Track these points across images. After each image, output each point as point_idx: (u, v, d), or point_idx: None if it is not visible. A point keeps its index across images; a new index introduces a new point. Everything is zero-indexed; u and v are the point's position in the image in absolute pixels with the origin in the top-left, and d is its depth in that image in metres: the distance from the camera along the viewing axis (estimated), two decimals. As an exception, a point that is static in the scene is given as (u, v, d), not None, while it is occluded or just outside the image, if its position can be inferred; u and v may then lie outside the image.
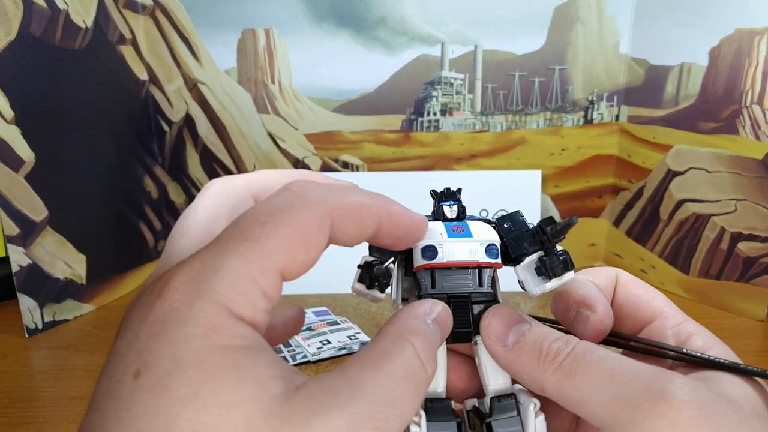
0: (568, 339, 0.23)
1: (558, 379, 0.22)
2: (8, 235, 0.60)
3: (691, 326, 0.26)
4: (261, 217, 0.19)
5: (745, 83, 0.63)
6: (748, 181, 0.65)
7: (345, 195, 0.21)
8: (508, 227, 0.25)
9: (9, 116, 0.59)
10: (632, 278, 0.28)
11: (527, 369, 0.23)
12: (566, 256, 0.24)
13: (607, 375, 0.21)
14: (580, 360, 0.22)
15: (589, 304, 0.26)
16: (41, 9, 0.61)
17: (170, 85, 0.76)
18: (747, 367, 0.23)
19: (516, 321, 0.24)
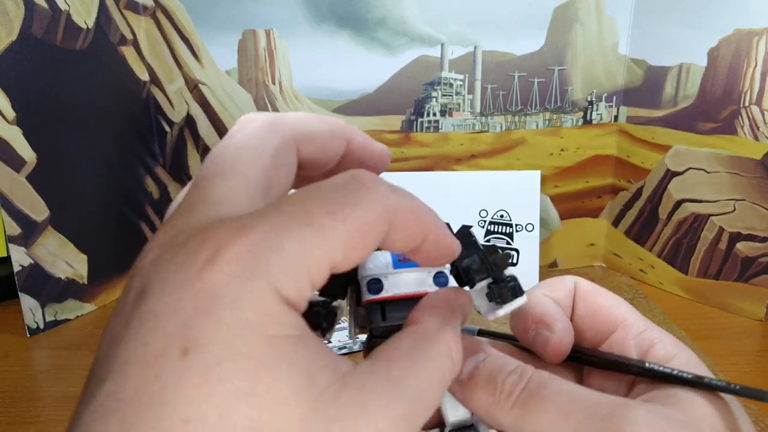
0: (522, 370, 0.23)
1: (513, 417, 0.22)
2: (10, 234, 0.60)
3: (654, 334, 0.26)
4: (328, 205, 0.17)
5: (743, 84, 0.64)
6: (747, 182, 0.65)
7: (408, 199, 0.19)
8: None
9: (10, 116, 0.59)
10: (591, 286, 0.28)
11: (483, 405, 0.23)
12: (515, 283, 0.23)
13: (562, 413, 0.21)
14: (535, 396, 0.22)
15: (547, 323, 0.26)
16: (42, 10, 0.61)
17: (171, 86, 0.76)
18: (709, 382, 0.22)
19: (470, 352, 0.24)
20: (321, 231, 0.17)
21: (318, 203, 0.17)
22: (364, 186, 0.18)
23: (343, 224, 0.17)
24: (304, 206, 0.17)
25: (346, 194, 0.18)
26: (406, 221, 0.19)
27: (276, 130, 0.20)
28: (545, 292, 0.28)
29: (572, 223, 0.81)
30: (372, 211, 0.18)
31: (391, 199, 0.18)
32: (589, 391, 0.22)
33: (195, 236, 0.17)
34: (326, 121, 0.22)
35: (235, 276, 0.16)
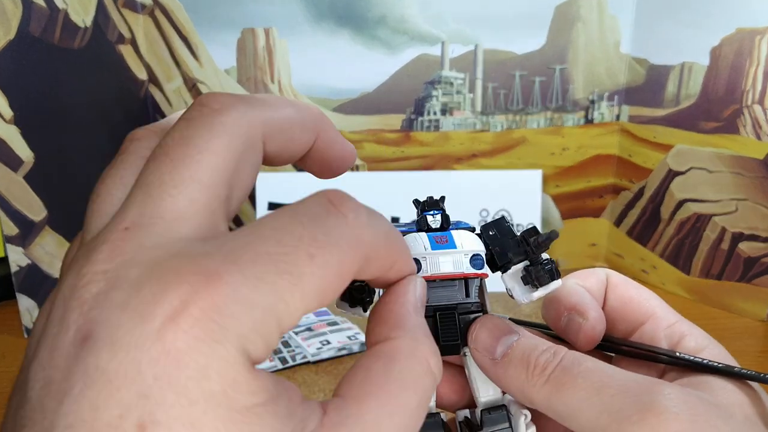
0: (555, 350, 0.23)
1: (546, 393, 0.22)
2: (7, 235, 0.60)
3: (684, 327, 0.26)
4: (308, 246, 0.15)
5: (746, 83, 0.63)
6: (749, 181, 0.65)
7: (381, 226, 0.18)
8: (493, 235, 0.25)
9: (8, 116, 0.59)
10: (623, 279, 0.28)
11: (516, 383, 0.23)
12: (552, 266, 0.24)
13: (595, 388, 0.21)
14: (568, 373, 0.22)
15: (581, 310, 0.26)
16: (40, 8, 0.61)
17: (169, 85, 0.76)
18: (740, 371, 0.22)
19: (504, 332, 0.24)
20: (300, 279, 0.15)
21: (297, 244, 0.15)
22: (344, 219, 0.16)
23: (323, 270, 0.15)
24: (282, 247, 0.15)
25: (327, 231, 0.16)
26: (379, 254, 0.18)
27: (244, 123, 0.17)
28: (578, 281, 0.28)
29: (574, 222, 0.80)
30: (352, 253, 0.16)
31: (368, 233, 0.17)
32: (621, 371, 0.22)
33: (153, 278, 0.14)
34: (299, 109, 0.20)
35: (202, 339, 0.14)
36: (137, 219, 0.15)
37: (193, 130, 0.17)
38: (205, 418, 0.14)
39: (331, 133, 0.21)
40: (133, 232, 0.15)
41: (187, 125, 0.17)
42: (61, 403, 0.13)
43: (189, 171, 0.16)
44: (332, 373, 0.55)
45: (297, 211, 0.16)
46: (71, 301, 0.15)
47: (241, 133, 0.17)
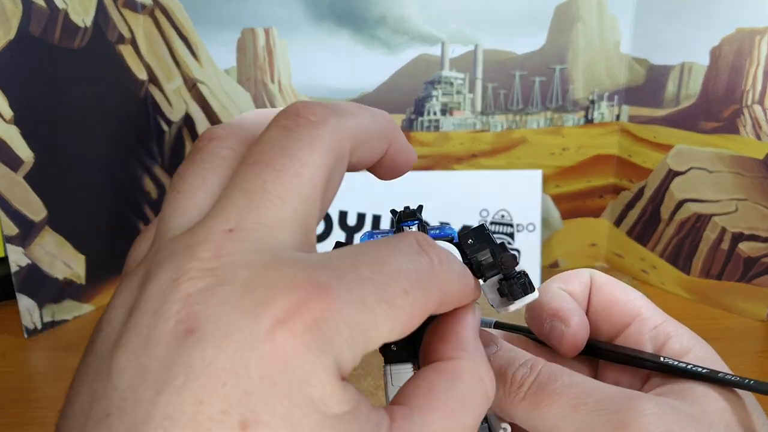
0: (533, 363, 0.23)
1: (524, 409, 0.22)
2: (7, 235, 0.60)
3: (670, 327, 0.25)
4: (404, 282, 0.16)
5: (746, 83, 0.63)
6: (749, 181, 0.65)
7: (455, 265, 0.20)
8: (471, 243, 0.25)
9: (8, 116, 0.59)
10: (607, 279, 0.28)
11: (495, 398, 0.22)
12: (525, 279, 0.24)
13: (570, 405, 0.21)
14: (545, 389, 0.22)
15: (563, 317, 0.26)
16: (40, 8, 0.61)
17: (169, 85, 0.76)
18: (724, 377, 0.22)
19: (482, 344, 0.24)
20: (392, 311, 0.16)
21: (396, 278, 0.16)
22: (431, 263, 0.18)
23: (411, 306, 0.16)
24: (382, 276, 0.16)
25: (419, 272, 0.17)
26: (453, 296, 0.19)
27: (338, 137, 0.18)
28: (561, 285, 0.27)
29: (574, 223, 0.80)
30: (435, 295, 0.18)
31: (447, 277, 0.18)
32: (598, 384, 0.22)
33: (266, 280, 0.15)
34: (376, 119, 0.20)
35: (309, 346, 0.14)
36: (240, 223, 0.16)
37: (293, 141, 0.17)
38: (304, 421, 0.14)
39: (401, 141, 0.21)
40: (238, 235, 0.16)
41: (286, 135, 0.17)
42: (159, 393, 0.13)
43: (292, 183, 0.17)
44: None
45: (394, 247, 0.17)
46: (172, 293, 0.15)
47: (336, 147, 0.18)
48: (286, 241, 0.16)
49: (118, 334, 0.15)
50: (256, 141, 0.18)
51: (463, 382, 0.19)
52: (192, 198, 0.17)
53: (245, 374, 0.14)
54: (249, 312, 0.14)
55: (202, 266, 0.15)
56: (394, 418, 0.17)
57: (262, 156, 0.17)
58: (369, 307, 0.15)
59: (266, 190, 0.16)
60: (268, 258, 0.15)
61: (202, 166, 0.18)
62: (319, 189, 0.17)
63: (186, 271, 0.15)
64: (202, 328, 0.14)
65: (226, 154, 0.18)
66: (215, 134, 0.19)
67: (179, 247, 0.16)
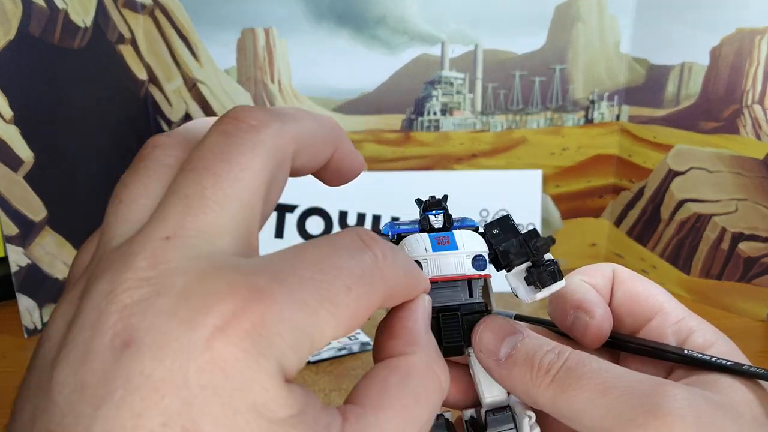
0: (560, 350, 0.23)
1: (551, 394, 0.22)
2: (7, 235, 0.60)
3: (693, 322, 0.25)
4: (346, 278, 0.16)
5: (746, 83, 0.63)
6: (749, 181, 0.65)
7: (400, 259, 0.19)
8: (497, 233, 0.25)
9: (8, 116, 0.59)
10: (630, 273, 0.28)
11: (521, 384, 0.23)
12: (554, 267, 0.24)
13: (599, 389, 0.21)
14: (573, 373, 0.22)
15: (587, 309, 0.25)
16: (40, 8, 0.61)
17: (169, 85, 0.76)
18: (749, 369, 0.22)
19: (508, 333, 0.24)
20: (335, 308, 0.16)
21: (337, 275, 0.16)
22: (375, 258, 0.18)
23: (355, 303, 0.16)
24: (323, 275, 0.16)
25: (363, 268, 0.17)
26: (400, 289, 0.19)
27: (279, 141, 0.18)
28: (584, 278, 0.27)
29: (574, 222, 0.80)
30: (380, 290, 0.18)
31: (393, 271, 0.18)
32: (627, 371, 0.22)
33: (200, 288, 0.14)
34: (321, 123, 0.20)
35: (250, 352, 0.14)
36: (178, 230, 0.16)
37: (233, 146, 0.17)
38: (247, 428, 0.14)
39: (347, 146, 0.21)
40: (176, 242, 0.15)
41: (226, 140, 0.17)
42: (98, 408, 0.13)
43: (231, 188, 0.16)
44: (332, 373, 0.55)
45: (336, 244, 0.17)
46: (108, 306, 0.14)
47: (278, 151, 0.18)
48: (225, 247, 0.16)
49: (58, 348, 0.15)
50: (197, 147, 0.17)
51: (416, 377, 0.19)
52: (133, 206, 0.17)
53: (184, 385, 0.13)
54: (186, 321, 0.14)
55: (138, 276, 0.15)
56: (346, 418, 0.16)
57: (202, 161, 0.17)
58: (310, 307, 0.15)
59: (205, 196, 0.16)
60: (205, 265, 0.15)
61: (144, 173, 0.18)
62: (259, 193, 0.17)
63: (122, 282, 0.15)
64: (139, 340, 0.14)
65: (169, 162, 0.18)
66: (159, 142, 0.19)
67: (116, 257, 0.15)
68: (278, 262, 0.16)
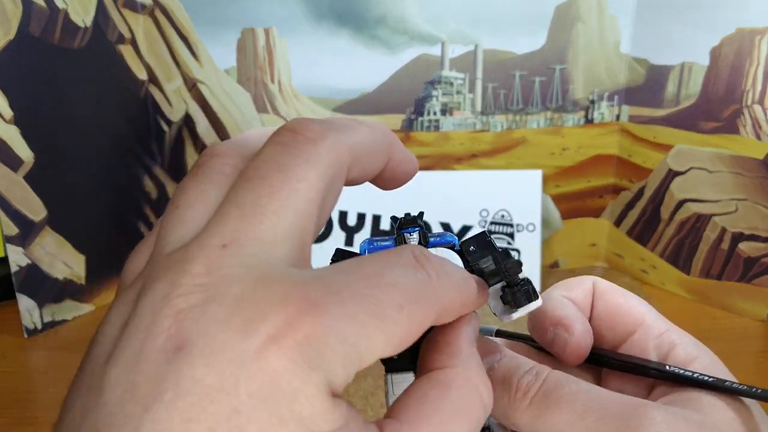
0: (538, 371, 0.22)
1: (530, 417, 0.22)
2: (7, 235, 0.60)
3: (674, 336, 0.25)
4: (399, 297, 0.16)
5: (746, 83, 0.63)
6: (749, 181, 0.65)
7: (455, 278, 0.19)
8: (473, 251, 0.24)
9: (8, 116, 0.59)
10: (610, 286, 0.28)
11: (499, 406, 0.22)
12: (528, 287, 0.23)
13: (578, 412, 0.21)
14: (551, 395, 0.21)
15: (566, 325, 0.25)
16: (40, 8, 0.61)
17: (169, 85, 0.76)
18: (730, 386, 0.22)
19: (485, 353, 0.23)
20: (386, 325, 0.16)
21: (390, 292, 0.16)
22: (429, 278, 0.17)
23: (407, 321, 0.16)
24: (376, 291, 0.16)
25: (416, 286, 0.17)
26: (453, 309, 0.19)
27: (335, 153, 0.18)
28: (563, 292, 0.27)
29: (574, 223, 0.80)
30: (432, 310, 0.17)
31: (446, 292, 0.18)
32: (606, 392, 0.21)
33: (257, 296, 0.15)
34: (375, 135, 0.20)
35: (300, 363, 0.14)
36: (234, 238, 0.16)
37: (290, 157, 0.17)
38: None
39: (400, 153, 0.21)
40: (232, 250, 0.16)
41: (282, 151, 0.17)
42: (147, 409, 0.13)
43: (288, 199, 0.16)
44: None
45: (390, 261, 0.17)
46: (163, 309, 0.15)
47: (334, 163, 0.18)
48: (280, 257, 0.16)
49: (111, 348, 0.15)
50: (254, 157, 0.18)
51: (456, 390, 0.19)
52: (190, 212, 0.17)
53: (234, 392, 0.14)
54: (239, 329, 0.14)
55: (193, 281, 0.15)
56: None
57: (258, 172, 0.17)
58: (361, 322, 0.15)
59: (261, 205, 0.16)
60: (260, 273, 0.15)
61: (202, 180, 0.18)
62: (315, 204, 0.17)
63: (178, 286, 0.15)
64: (191, 345, 0.14)
65: (227, 171, 0.18)
66: (217, 150, 0.19)
67: (173, 263, 0.16)
68: (332, 275, 0.16)
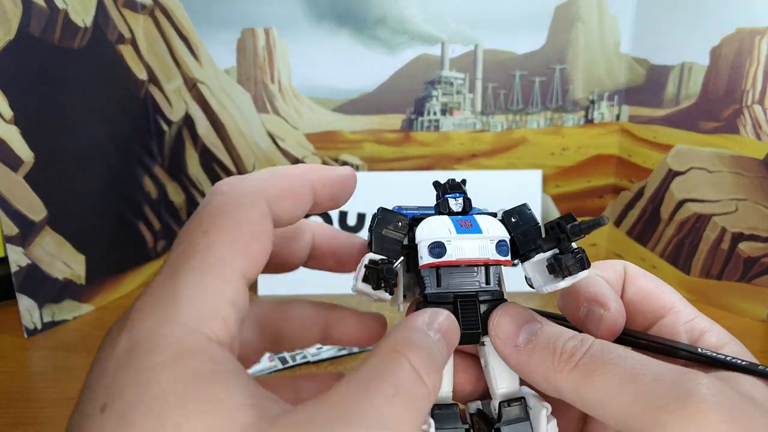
0: (583, 337, 0.22)
1: (575, 380, 0.21)
2: (7, 235, 0.60)
3: (704, 322, 0.25)
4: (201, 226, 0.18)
5: (746, 83, 0.63)
6: (749, 181, 0.65)
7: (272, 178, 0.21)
8: (515, 221, 0.24)
9: (8, 116, 0.59)
10: (641, 271, 0.27)
11: (541, 370, 0.22)
12: (583, 254, 0.23)
13: (628, 375, 0.20)
14: (598, 359, 0.21)
15: (602, 302, 0.25)
16: (40, 8, 0.61)
17: (169, 85, 0.76)
18: (764, 369, 0.22)
19: (526, 320, 0.23)
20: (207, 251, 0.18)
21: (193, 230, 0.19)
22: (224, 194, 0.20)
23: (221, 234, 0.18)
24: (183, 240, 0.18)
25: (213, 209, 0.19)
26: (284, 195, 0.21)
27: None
28: (596, 272, 0.27)
29: (573, 222, 0.80)
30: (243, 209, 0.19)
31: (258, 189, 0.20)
32: (654, 360, 0.21)
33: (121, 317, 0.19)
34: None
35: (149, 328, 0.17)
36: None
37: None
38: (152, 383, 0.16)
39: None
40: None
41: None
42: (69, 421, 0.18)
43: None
44: (332, 373, 0.55)
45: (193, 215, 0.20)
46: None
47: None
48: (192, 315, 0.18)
49: None
50: None
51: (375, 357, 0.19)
52: None
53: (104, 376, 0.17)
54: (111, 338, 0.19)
55: None
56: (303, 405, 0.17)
57: None
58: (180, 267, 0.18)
59: None
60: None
61: None
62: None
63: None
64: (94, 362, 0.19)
65: None
66: None
67: None
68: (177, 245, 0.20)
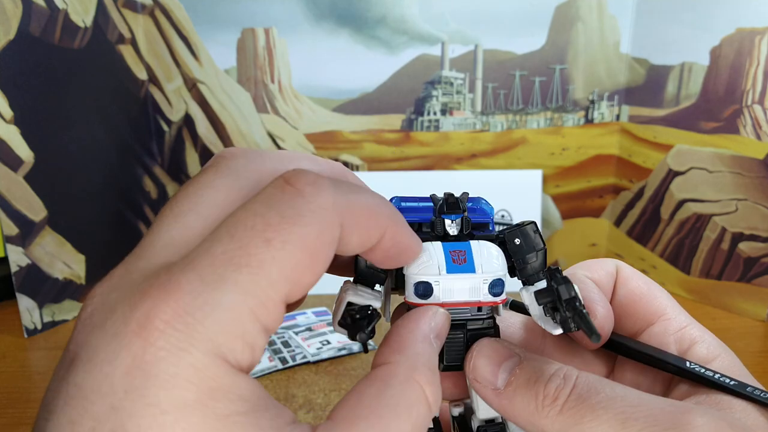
0: (566, 374, 0.21)
1: (561, 425, 0.20)
2: (7, 235, 0.60)
3: (695, 331, 0.24)
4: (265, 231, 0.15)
5: (746, 83, 0.63)
6: (749, 181, 0.65)
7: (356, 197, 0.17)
8: (519, 244, 0.23)
9: (8, 116, 0.59)
10: (633, 272, 0.26)
11: (524, 414, 0.21)
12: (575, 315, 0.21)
13: (619, 420, 0.19)
14: (586, 402, 0.20)
15: (588, 307, 0.24)
16: (40, 8, 0.61)
17: (169, 85, 0.76)
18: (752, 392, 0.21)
19: (504, 357, 0.22)
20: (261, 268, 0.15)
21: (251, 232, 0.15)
22: (300, 194, 0.16)
23: (283, 251, 0.15)
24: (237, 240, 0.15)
25: (282, 211, 0.15)
26: (359, 221, 0.17)
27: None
28: (586, 273, 0.26)
29: (574, 222, 0.80)
30: (317, 225, 0.16)
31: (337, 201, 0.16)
32: (645, 396, 0.20)
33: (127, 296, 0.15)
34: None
35: (171, 348, 0.14)
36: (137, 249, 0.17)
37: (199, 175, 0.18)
38: (177, 426, 0.14)
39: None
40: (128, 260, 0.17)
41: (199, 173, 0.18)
42: (47, 420, 0.15)
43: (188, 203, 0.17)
44: (332, 373, 0.55)
45: (251, 201, 0.16)
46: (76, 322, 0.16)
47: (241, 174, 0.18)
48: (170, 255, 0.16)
49: None
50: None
51: (395, 387, 0.17)
52: None
53: (111, 391, 0.14)
54: (110, 331, 0.15)
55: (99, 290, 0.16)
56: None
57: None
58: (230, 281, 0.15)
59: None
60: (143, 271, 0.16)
61: None
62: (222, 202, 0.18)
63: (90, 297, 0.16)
64: (77, 356, 0.15)
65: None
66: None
67: None
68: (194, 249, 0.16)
